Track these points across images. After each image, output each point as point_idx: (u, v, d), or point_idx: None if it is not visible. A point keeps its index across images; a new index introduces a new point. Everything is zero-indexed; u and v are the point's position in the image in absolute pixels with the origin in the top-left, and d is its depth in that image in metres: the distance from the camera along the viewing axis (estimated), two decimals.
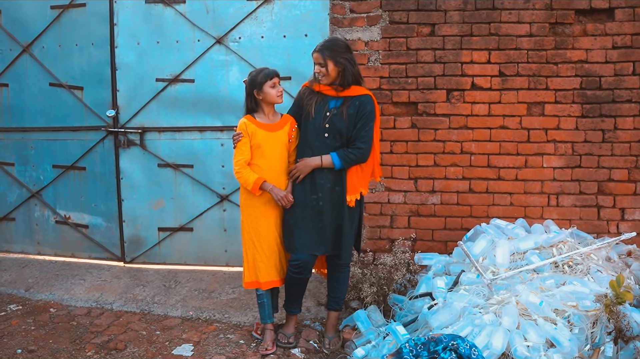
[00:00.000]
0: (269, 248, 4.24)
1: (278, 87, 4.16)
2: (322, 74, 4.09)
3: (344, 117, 4.10)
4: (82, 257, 6.06)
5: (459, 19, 5.00)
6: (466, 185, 5.11)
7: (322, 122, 4.13)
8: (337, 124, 4.11)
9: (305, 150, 4.20)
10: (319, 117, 4.14)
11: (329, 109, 4.14)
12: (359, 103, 4.12)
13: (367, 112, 4.11)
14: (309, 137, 4.19)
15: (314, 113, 4.14)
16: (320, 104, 4.16)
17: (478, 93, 5.02)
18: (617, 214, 4.99)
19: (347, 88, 4.12)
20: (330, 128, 4.12)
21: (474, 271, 4.41)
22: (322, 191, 4.16)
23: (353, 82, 4.13)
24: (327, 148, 4.14)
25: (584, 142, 4.97)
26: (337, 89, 4.12)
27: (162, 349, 4.35)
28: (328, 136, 4.13)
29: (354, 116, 4.11)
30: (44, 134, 6.02)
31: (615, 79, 4.89)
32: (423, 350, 3.68)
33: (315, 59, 4.10)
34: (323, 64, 4.06)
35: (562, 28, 4.94)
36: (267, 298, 4.32)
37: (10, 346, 4.38)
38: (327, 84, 4.13)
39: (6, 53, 6.04)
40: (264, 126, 4.18)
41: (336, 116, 4.12)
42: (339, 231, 4.22)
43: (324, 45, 4.08)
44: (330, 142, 4.13)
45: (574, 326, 3.93)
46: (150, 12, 5.59)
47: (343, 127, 4.11)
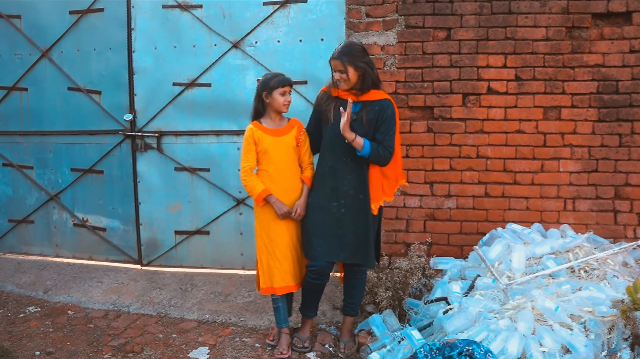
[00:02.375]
0: (282, 254, 4.24)
1: (287, 96, 4.17)
2: (343, 80, 4.04)
3: (363, 122, 4.05)
4: (100, 260, 6.12)
5: (475, 23, 5.00)
6: (482, 189, 5.10)
7: None
8: (356, 129, 4.03)
9: (326, 156, 4.18)
10: (338, 122, 4.02)
11: None
12: (378, 108, 4.07)
13: (388, 117, 4.06)
14: (329, 143, 4.16)
15: (333, 119, 4.09)
16: (339, 110, 4.04)
17: (494, 97, 5.01)
18: (634, 219, 4.96)
19: (366, 92, 4.08)
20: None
21: (490, 276, 4.40)
22: (344, 197, 4.13)
23: (372, 86, 4.09)
24: (350, 154, 4.08)
25: (600, 147, 4.94)
26: (357, 93, 4.06)
27: (178, 352, 4.38)
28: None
29: (374, 121, 4.06)
30: (62, 137, 6.09)
31: (632, 83, 4.86)
32: (438, 355, 3.68)
33: (334, 66, 4.05)
34: (343, 70, 4.01)
35: (579, 32, 4.92)
36: (282, 302, 4.34)
37: (29, 348, 4.44)
38: (347, 89, 4.08)
39: (26, 58, 6.11)
40: (270, 131, 4.21)
41: (356, 122, 4.05)
42: (360, 239, 4.18)
43: (342, 51, 4.02)
44: (351, 148, 4.04)
45: (590, 331, 3.91)
46: (167, 17, 5.63)
47: (362, 133, 4.03)
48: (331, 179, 4.15)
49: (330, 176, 4.15)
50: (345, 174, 4.12)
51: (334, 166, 4.14)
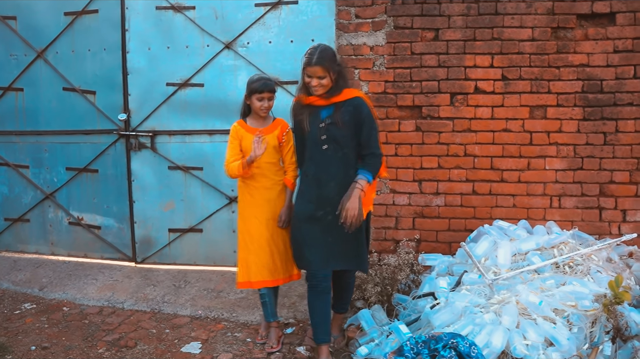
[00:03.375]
0: (260, 248, 4.33)
1: (265, 102, 4.26)
2: (322, 85, 3.93)
3: (339, 125, 3.95)
4: (95, 258, 6.20)
5: (462, 23, 5.10)
6: (470, 187, 5.19)
7: (319, 134, 3.98)
8: (334, 133, 3.96)
9: (309, 165, 4.10)
10: (314, 130, 3.99)
11: (322, 120, 4.00)
12: (352, 108, 3.97)
13: (366, 117, 3.98)
14: (309, 152, 4.08)
15: (309, 126, 4.02)
16: (313, 117, 4.01)
17: (481, 97, 5.11)
18: (619, 216, 5.06)
19: (339, 93, 3.98)
20: (327, 139, 3.98)
21: (476, 272, 4.50)
22: (330, 204, 4.00)
23: (344, 85, 4.02)
24: (330, 160, 4.00)
25: (585, 145, 5.04)
26: (327, 96, 3.97)
27: (171, 347, 4.48)
28: (327, 147, 3.99)
29: (351, 122, 3.97)
30: (57, 137, 6.17)
31: (616, 82, 4.96)
32: (424, 348, 3.78)
33: (313, 73, 3.90)
34: (324, 75, 3.91)
35: (564, 32, 5.02)
36: (270, 297, 4.43)
37: (25, 343, 4.53)
38: (321, 94, 3.98)
39: (21, 58, 6.19)
40: (253, 130, 4.31)
41: (331, 125, 3.97)
42: (351, 244, 4.10)
43: (322, 57, 3.91)
44: (332, 154, 3.99)
45: (573, 325, 4.01)
46: (160, 18, 5.72)
47: (340, 135, 3.96)
48: (315, 188, 4.05)
49: (314, 184, 4.06)
50: (328, 181, 4.01)
51: (317, 174, 4.05)
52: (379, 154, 4.04)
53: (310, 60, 3.90)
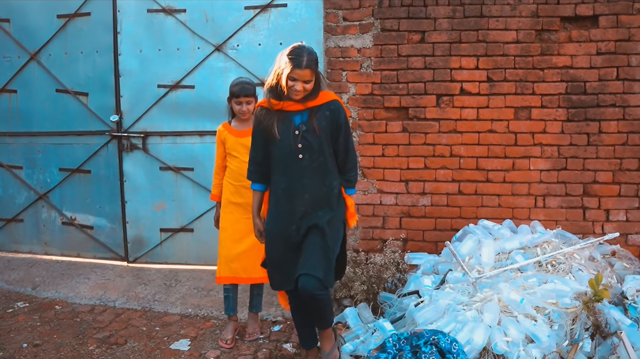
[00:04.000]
0: (232, 243, 4.49)
1: (243, 106, 4.37)
2: (305, 90, 3.60)
3: (316, 132, 3.64)
4: (87, 257, 6.27)
5: (448, 26, 5.18)
6: (455, 187, 5.27)
7: (293, 143, 3.64)
8: (310, 141, 3.64)
9: (278, 178, 3.74)
10: (287, 138, 3.64)
11: (297, 127, 3.65)
12: (329, 113, 3.68)
13: (343, 123, 3.72)
14: (279, 163, 3.72)
15: (280, 134, 3.65)
16: (284, 123, 3.65)
17: (467, 98, 5.19)
18: (602, 215, 5.14)
19: (315, 97, 3.67)
20: (304, 148, 3.65)
21: (460, 270, 4.58)
22: (303, 218, 3.71)
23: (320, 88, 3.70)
24: (305, 170, 3.67)
25: (569, 146, 5.12)
26: (302, 100, 3.65)
27: (161, 344, 4.56)
28: (303, 156, 3.66)
29: (327, 127, 3.68)
30: (50, 138, 6.25)
31: (599, 84, 5.04)
32: (406, 344, 3.86)
33: (300, 76, 3.54)
34: (310, 80, 3.59)
35: (548, 35, 5.10)
36: (233, 292, 4.60)
37: (17, 341, 4.60)
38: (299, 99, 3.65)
39: (15, 60, 6.27)
40: (235, 131, 4.44)
41: (308, 132, 3.64)
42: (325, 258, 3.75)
43: (311, 59, 3.58)
44: (307, 163, 3.67)
45: (554, 322, 4.09)
46: (152, 21, 5.80)
47: (317, 143, 3.65)
48: (286, 202, 3.73)
49: (285, 198, 3.72)
50: (302, 194, 3.69)
51: (289, 186, 3.71)
52: (354, 159, 3.88)
53: (300, 62, 3.52)
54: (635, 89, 4.99)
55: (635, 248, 5.07)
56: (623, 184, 5.09)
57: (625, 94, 5.01)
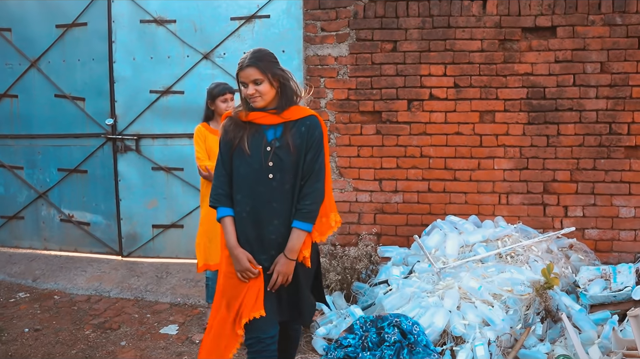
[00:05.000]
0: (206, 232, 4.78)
1: (229, 102, 4.75)
2: (259, 94, 3.11)
3: (290, 149, 3.16)
4: (84, 252, 6.70)
5: (418, 36, 5.59)
6: (425, 185, 5.68)
7: (264, 160, 3.16)
8: (284, 159, 3.17)
9: (244, 199, 3.22)
10: (257, 154, 3.16)
11: (269, 142, 3.18)
12: (305, 129, 3.20)
13: (315, 140, 3.21)
14: (246, 182, 3.21)
15: (249, 149, 3.17)
16: (255, 138, 3.19)
17: (435, 103, 5.60)
18: (561, 211, 5.55)
19: (287, 109, 3.19)
20: (275, 166, 3.17)
21: (427, 261, 4.99)
22: (273, 248, 3.21)
23: (293, 101, 3.23)
24: (274, 193, 3.19)
25: (530, 147, 5.53)
26: (276, 112, 3.18)
27: (151, 329, 4.98)
28: (274, 176, 3.18)
29: (303, 145, 3.19)
30: (50, 140, 6.67)
31: (557, 89, 5.45)
32: (372, 326, 4.28)
33: (246, 77, 3.12)
34: (259, 79, 3.10)
35: (510, 44, 5.51)
36: (212, 281, 4.85)
37: (19, 326, 5.03)
38: (262, 108, 3.18)
39: (16, 67, 6.69)
40: (215, 131, 4.75)
41: (281, 149, 3.17)
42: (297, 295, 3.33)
43: (254, 57, 3.14)
44: (278, 185, 3.18)
45: (510, 308, 4.51)
46: (144, 31, 6.22)
47: (290, 162, 3.18)
48: (253, 227, 3.22)
49: (252, 222, 3.22)
50: (271, 219, 3.20)
51: (255, 210, 3.21)
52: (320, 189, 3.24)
53: (241, 63, 3.15)
54: (590, 95, 5.40)
55: (591, 242, 5.47)
56: (580, 183, 5.50)
57: (582, 99, 5.42)
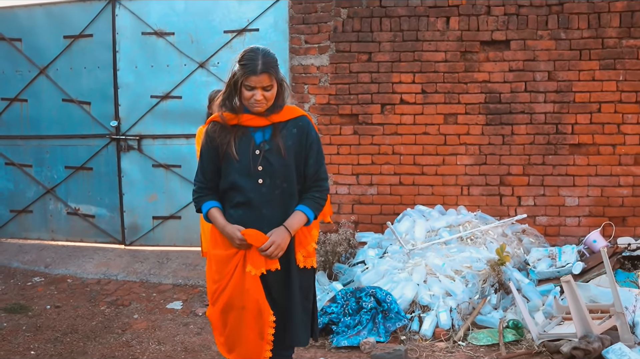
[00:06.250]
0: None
1: None
2: (266, 99, 2.95)
3: (282, 152, 3.00)
4: (90, 242, 7.36)
5: (390, 48, 6.35)
6: (397, 179, 6.44)
7: (252, 164, 2.99)
8: (274, 163, 3.00)
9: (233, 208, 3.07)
10: (245, 158, 2.99)
11: (257, 145, 3.02)
12: (297, 130, 3.06)
13: (314, 143, 3.10)
14: (235, 190, 3.04)
15: (238, 154, 2.99)
16: (242, 141, 3.02)
17: (405, 107, 6.37)
18: (515, 201, 6.34)
19: (279, 111, 3.04)
20: (265, 171, 3.01)
21: (398, 244, 5.76)
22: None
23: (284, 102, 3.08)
24: (264, 198, 3.01)
25: (488, 145, 6.31)
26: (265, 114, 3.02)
27: (159, 305, 5.69)
28: (264, 181, 3.01)
29: (295, 147, 3.05)
30: (57, 140, 7.33)
31: (511, 95, 6.24)
32: (351, 296, 5.05)
33: (258, 82, 2.90)
34: (270, 86, 2.94)
35: (470, 55, 6.29)
36: None
37: (41, 304, 5.71)
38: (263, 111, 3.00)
39: (25, 74, 7.34)
40: None
41: (270, 152, 3.00)
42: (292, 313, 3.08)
43: (268, 62, 2.93)
44: (268, 190, 3.01)
45: (469, 282, 5.28)
46: (146, 42, 6.93)
47: (280, 166, 3.01)
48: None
49: None
50: (261, 227, 2.99)
51: (244, 217, 3.03)
52: (326, 188, 3.15)
53: (255, 67, 2.89)
54: (540, 99, 6.20)
55: (541, 227, 6.27)
56: (531, 176, 6.29)
57: (532, 103, 6.22)
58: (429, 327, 4.88)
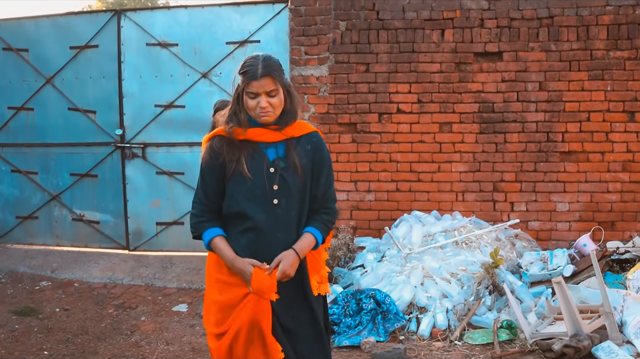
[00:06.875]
0: None
1: None
2: (273, 107, 2.71)
3: (298, 170, 2.76)
4: (94, 247, 7.54)
5: (387, 59, 6.58)
6: (394, 186, 6.66)
7: (268, 183, 2.74)
8: (290, 182, 2.76)
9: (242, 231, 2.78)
10: (259, 177, 2.74)
11: (271, 163, 2.77)
12: (311, 147, 2.83)
13: (326, 161, 2.89)
14: (246, 211, 2.76)
15: (250, 172, 2.73)
16: (254, 158, 2.77)
17: (402, 116, 6.59)
18: (508, 207, 6.56)
19: (290, 124, 2.80)
20: (281, 190, 2.76)
21: (396, 248, 5.97)
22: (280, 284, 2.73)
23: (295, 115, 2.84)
24: (279, 220, 2.77)
25: (482, 152, 6.53)
26: (279, 128, 2.78)
27: (165, 307, 5.89)
28: (279, 202, 2.76)
29: (309, 166, 2.81)
30: (63, 148, 7.52)
31: (504, 104, 6.47)
32: (352, 298, 5.25)
33: (260, 87, 2.69)
34: (275, 90, 2.71)
35: (464, 66, 6.52)
36: None
37: (50, 307, 5.89)
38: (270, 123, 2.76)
39: (32, 84, 7.53)
40: None
41: (287, 171, 2.76)
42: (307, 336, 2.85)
43: (270, 66, 2.73)
44: (283, 212, 2.77)
45: (464, 284, 5.49)
46: (150, 53, 7.14)
47: (295, 185, 2.77)
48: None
49: (252, 256, 2.74)
50: (274, 252, 2.74)
51: (255, 242, 2.77)
52: (335, 211, 2.95)
53: (255, 72, 2.70)
54: (531, 109, 6.44)
55: (533, 232, 6.50)
56: (524, 182, 6.52)
57: (524, 112, 6.45)
58: (427, 327, 5.08)
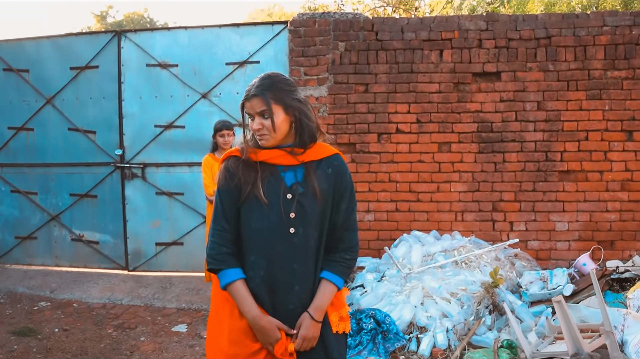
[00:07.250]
0: None
1: (226, 138, 5.65)
2: (266, 130, 2.51)
3: (317, 196, 2.54)
4: (93, 268, 7.53)
5: (386, 80, 6.63)
6: (393, 206, 6.68)
7: (284, 210, 2.52)
8: (308, 209, 2.54)
9: (257, 260, 2.55)
10: (275, 203, 2.52)
11: (289, 188, 2.55)
12: (332, 171, 2.61)
13: (349, 187, 2.64)
14: (261, 239, 2.55)
15: (267, 198, 2.52)
16: (271, 182, 2.56)
17: (401, 136, 6.63)
18: (507, 226, 6.59)
19: (309, 148, 2.59)
20: (298, 218, 2.54)
21: (395, 268, 5.97)
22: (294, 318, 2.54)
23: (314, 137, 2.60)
24: (296, 251, 2.54)
25: (481, 172, 6.57)
26: (295, 152, 2.57)
27: (164, 328, 5.86)
28: (296, 230, 2.54)
29: (330, 191, 2.59)
30: (63, 168, 7.53)
31: (502, 124, 6.52)
32: (352, 318, 5.24)
33: (250, 109, 2.53)
34: (267, 111, 2.49)
35: (463, 86, 6.57)
36: None
37: (49, 328, 5.87)
38: (273, 147, 2.57)
39: (32, 104, 7.56)
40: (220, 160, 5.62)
41: (305, 196, 2.54)
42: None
43: (264, 85, 2.55)
44: (301, 242, 2.54)
45: (464, 303, 5.49)
46: (150, 73, 7.18)
47: (314, 213, 2.55)
48: (267, 295, 2.55)
49: (267, 289, 2.55)
50: (291, 285, 2.54)
51: (271, 273, 2.54)
52: (356, 245, 2.71)
53: (247, 92, 2.57)
54: (529, 128, 6.48)
55: (532, 251, 6.52)
56: (523, 202, 6.55)
57: (522, 132, 6.50)
58: (427, 347, 5.07)
